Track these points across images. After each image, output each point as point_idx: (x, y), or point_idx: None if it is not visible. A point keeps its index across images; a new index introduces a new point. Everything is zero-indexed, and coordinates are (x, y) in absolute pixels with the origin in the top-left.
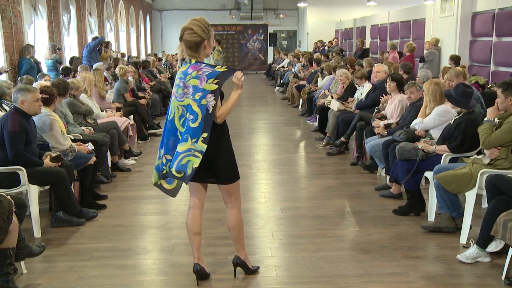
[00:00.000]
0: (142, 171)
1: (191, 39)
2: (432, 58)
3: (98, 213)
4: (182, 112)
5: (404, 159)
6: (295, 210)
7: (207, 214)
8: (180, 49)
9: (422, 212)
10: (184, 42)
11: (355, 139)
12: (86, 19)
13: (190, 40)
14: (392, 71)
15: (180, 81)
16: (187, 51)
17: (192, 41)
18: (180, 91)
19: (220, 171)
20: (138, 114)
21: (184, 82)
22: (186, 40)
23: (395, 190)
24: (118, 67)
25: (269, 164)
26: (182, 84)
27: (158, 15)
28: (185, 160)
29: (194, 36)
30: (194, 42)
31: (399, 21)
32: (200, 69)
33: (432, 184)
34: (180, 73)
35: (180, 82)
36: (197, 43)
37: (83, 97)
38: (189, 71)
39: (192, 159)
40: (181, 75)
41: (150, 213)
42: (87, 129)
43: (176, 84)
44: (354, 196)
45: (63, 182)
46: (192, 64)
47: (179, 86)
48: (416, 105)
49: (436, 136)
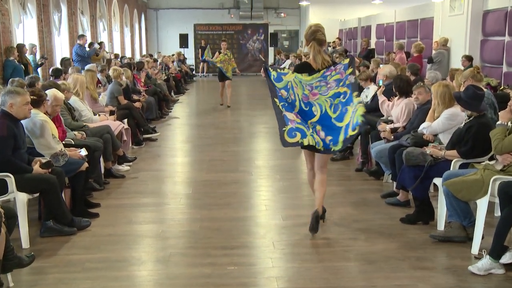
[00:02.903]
0: (137, 178)
1: (323, 38)
2: (440, 59)
3: (90, 222)
4: (331, 101)
5: (412, 165)
6: (297, 219)
7: (205, 222)
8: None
9: (431, 220)
10: (316, 40)
11: (360, 144)
12: (78, 18)
13: (322, 39)
14: (399, 72)
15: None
16: (318, 47)
17: (322, 40)
18: (324, 89)
19: None
20: (133, 118)
21: (326, 81)
22: (319, 39)
23: (402, 198)
24: (111, 68)
25: (270, 170)
26: (324, 83)
27: (154, 14)
28: (355, 119)
29: (323, 36)
30: (323, 40)
31: (406, 20)
32: (335, 68)
33: (441, 191)
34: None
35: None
36: (324, 40)
37: (75, 100)
38: (327, 74)
39: (358, 112)
40: (320, 78)
41: (145, 222)
42: (79, 134)
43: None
44: (359, 203)
45: (53, 189)
46: (326, 70)
47: (319, 86)
48: (424, 108)
49: (445, 141)
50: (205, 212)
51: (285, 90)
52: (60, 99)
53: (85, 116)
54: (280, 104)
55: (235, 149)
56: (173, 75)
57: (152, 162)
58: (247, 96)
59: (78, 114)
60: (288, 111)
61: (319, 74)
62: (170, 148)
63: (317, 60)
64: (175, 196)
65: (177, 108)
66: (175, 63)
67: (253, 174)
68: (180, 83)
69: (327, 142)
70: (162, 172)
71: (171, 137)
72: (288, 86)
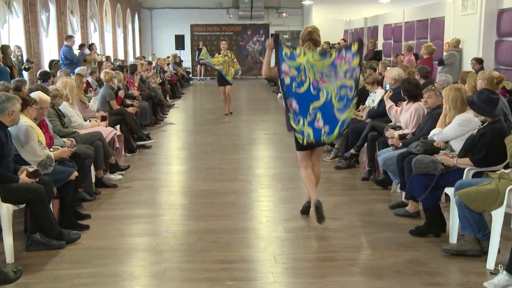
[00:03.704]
0: (130, 187)
1: (318, 39)
2: (452, 61)
3: (80, 234)
4: (338, 91)
5: (422, 173)
6: (300, 231)
7: (202, 235)
8: (308, 47)
9: (443, 233)
10: (312, 41)
11: (367, 151)
12: (67, 18)
13: (318, 40)
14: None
15: (331, 69)
16: (313, 47)
17: (318, 40)
18: (332, 78)
19: None
20: (126, 124)
21: (336, 71)
22: (315, 40)
23: (411, 208)
24: (103, 71)
25: (271, 179)
26: (333, 72)
27: (148, 14)
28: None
29: (318, 37)
30: (318, 41)
31: (415, 20)
32: (345, 56)
33: (453, 202)
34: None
35: (331, 70)
36: (319, 41)
37: (64, 105)
38: (337, 62)
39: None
40: (330, 66)
41: (139, 234)
42: (68, 141)
43: (326, 74)
44: (366, 214)
45: (40, 199)
46: (337, 57)
47: (329, 75)
48: (435, 113)
49: (457, 148)
50: (202, 224)
51: (296, 70)
52: (45, 101)
53: (75, 122)
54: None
55: (234, 157)
56: (168, 79)
57: (146, 170)
58: (247, 101)
59: (68, 120)
60: (290, 96)
61: (329, 60)
62: (165, 155)
63: None
64: (171, 206)
65: (173, 113)
66: (171, 66)
67: (253, 183)
68: (176, 87)
69: (321, 133)
70: (156, 181)
71: (166, 144)
72: (300, 68)
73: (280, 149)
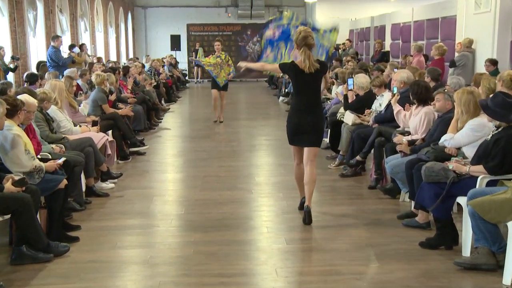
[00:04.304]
0: (122, 196)
1: (313, 43)
2: (464, 62)
3: (69, 247)
4: None
5: (432, 181)
6: (303, 242)
7: (199, 247)
8: (304, 52)
9: (455, 245)
10: (307, 46)
11: (374, 158)
12: (56, 17)
13: (312, 44)
14: (417, 77)
15: None
16: (308, 52)
17: (312, 44)
18: None
19: (316, 137)
20: (118, 129)
21: None
22: (310, 44)
23: (421, 219)
24: (94, 74)
25: (272, 188)
26: None
27: (142, 13)
28: None
29: (313, 40)
30: (313, 44)
31: (425, 19)
32: None
33: (466, 212)
34: None
35: None
36: (313, 45)
37: (53, 109)
38: None
39: None
40: None
41: (132, 246)
42: (57, 147)
43: None
44: (373, 225)
45: (27, 210)
46: None
47: None
48: (446, 117)
49: (470, 155)
50: (200, 235)
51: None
52: (32, 104)
53: (64, 127)
54: None
55: (233, 164)
56: (163, 81)
57: (140, 178)
58: (246, 105)
59: (57, 125)
60: None
61: None
62: (160, 163)
63: (306, 64)
64: (166, 217)
65: (168, 118)
66: (166, 68)
67: (253, 192)
68: (172, 90)
69: None
70: (151, 190)
71: (161, 150)
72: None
73: (282, 156)
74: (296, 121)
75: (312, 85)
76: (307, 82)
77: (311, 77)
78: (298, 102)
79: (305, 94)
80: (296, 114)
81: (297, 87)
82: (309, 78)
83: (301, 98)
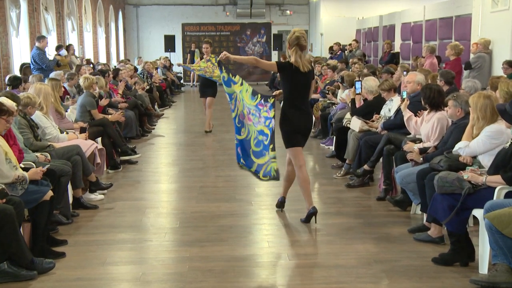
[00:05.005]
0: (113, 209)
1: (305, 44)
2: (480, 64)
3: (54, 263)
4: (256, 135)
5: (446, 192)
6: (307, 258)
7: (195, 263)
8: (295, 52)
9: (471, 261)
10: (299, 46)
11: (382, 168)
12: (41, 16)
13: (304, 45)
14: (429, 81)
15: (256, 110)
16: (299, 52)
17: (304, 45)
18: (256, 120)
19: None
20: (108, 136)
21: (259, 114)
22: (302, 45)
23: (434, 233)
24: (82, 77)
25: (273, 199)
26: (258, 114)
27: (134, 12)
28: (269, 168)
29: (305, 42)
30: (305, 46)
31: (438, 18)
32: (265, 105)
33: (482, 226)
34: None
35: (256, 111)
36: (305, 46)
37: (37, 114)
38: (260, 107)
39: (272, 165)
40: (256, 108)
41: (122, 263)
42: (42, 156)
43: (252, 113)
44: (382, 240)
45: (9, 223)
46: (259, 103)
47: (255, 115)
48: (460, 124)
49: (486, 164)
50: (195, 250)
51: (229, 97)
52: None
53: (49, 134)
54: None
55: (232, 174)
56: (157, 85)
57: (131, 189)
58: None
59: (41, 132)
60: None
61: (255, 102)
62: (153, 172)
63: (299, 63)
64: (159, 231)
65: (162, 124)
66: (160, 71)
67: (253, 203)
68: (166, 95)
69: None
70: (143, 201)
71: (154, 159)
72: (233, 96)
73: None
74: (298, 123)
75: (306, 85)
76: (302, 81)
77: (305, 77)
78: (295, 103)
79: (300, 94)
80: (296, 115)
81: (294, 87)
82: (304, 78)
83: (297, 98)
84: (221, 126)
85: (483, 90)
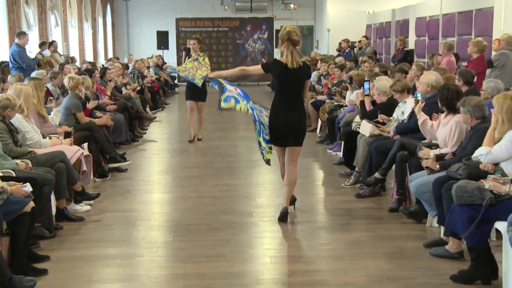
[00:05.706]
0: (100, 221)
1: (297, 39)
2: (503, 62)
3: (35, 281)
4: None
5: (465, 203)
6: (312, 275)
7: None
8: (286, 47)
9: (494, 279)
10: (291, 41)
11: (395, 176)
12: (22, 10)
13: (296, 40)
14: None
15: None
16: (293, 48)
17: (296, 41)
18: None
19: (299, 136)
20: (95, 142)
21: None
22: (293, 40)
23: (453, 248)
24: (67, 77)
25: (276, 211)
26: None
27: (123, 6)
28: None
29: (297, 37)
30: (297, 41)
31: (456, 12)
32: None
33: (506, 240)
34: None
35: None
36: (298, 41)
37: (17, 118)
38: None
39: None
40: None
41: (111, 280)
42: (22, 163)
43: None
44: (395, 255)
45: None
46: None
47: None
48: (481, 128)
49: (510, 172)
50: (191, 267)
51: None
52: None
53: (31, 139)
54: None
55: (230, 183)
56: (148, 86)
57: (121, 199)
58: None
59: (22, 137)
60: (229, 85)
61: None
62: (145, 181)
63: (288, 59)
64: (151, 245)
65: (154, 128)
66: (152, 70)
67: (254, 215)
68: (158, 96)
69: None
70: (133, 213)
71: (146, 166)
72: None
73: None
74: (281, 121)
75: (295, 82)
76: (291, 78)
77: (294, 73)
78: (282, 100)
79: (288, 91)
80: (280, 113)
81: (281, 84)
82: (293, 74)
83: (285, 95)
84: (219, 131)
85: (506, 90)
